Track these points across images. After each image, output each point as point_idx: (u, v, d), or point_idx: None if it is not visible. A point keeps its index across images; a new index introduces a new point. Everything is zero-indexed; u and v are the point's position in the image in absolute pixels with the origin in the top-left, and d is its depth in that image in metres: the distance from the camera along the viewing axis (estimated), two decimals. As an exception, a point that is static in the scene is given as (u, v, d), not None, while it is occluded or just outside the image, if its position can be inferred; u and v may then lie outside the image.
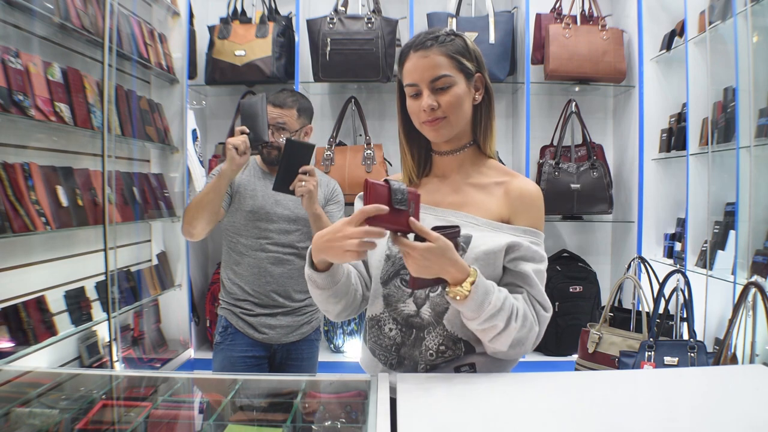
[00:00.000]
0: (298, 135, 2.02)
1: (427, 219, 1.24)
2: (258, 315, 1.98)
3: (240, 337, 1.98)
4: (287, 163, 1.76)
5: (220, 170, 1.87)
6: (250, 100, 1.90)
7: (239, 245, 1.99)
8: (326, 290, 1.21)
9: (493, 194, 1.23)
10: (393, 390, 1.14)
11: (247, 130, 1.87)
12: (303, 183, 1.78)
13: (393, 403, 1.08)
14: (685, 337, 2.13)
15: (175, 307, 3.02)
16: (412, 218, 1.06)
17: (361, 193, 1.14)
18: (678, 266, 2.60)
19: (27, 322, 1.93)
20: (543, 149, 3.20)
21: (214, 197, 1.88)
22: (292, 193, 1.80)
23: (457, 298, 1.07)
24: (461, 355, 1.20)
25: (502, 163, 1.36)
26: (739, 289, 2.05)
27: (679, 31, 2.83)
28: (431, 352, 1.20)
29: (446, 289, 1.09)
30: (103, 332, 2.40)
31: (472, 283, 1.07)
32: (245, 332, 1.98)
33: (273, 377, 1.80)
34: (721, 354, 1.91)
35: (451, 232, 1.09)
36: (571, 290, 3.05)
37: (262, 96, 1.91)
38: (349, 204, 2.90)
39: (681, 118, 2.87)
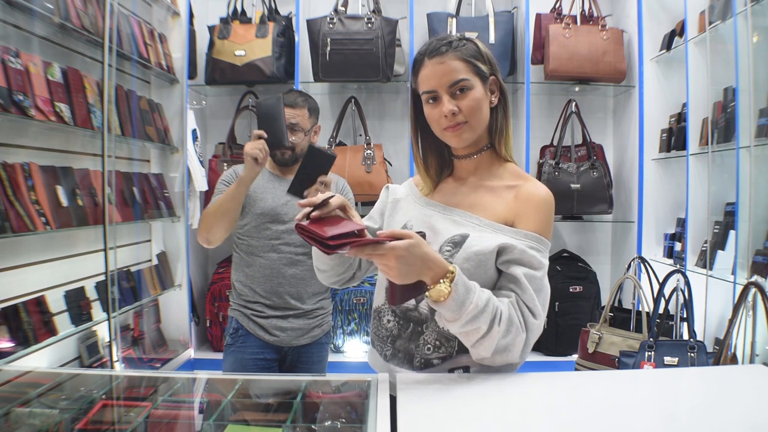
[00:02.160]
0: (309, 135, 2.02)
1: (435, 217, 1.25)
2: (269, 317, 1.97)
3: (251, 339, 1.97)
4: (306, 170, 1.71)
5: (239, 178, 1.87)
6: (267, 102, 1.87)
7: (251, 247, 1.98)
8: None
9: (503, 197, 1.22)
10: (393, 387, 1.14)
11: (265, 135, 1.85)
12: (318, 192, 1.75)
13: (393, 400, 1.08)
14: (685, 337, 2.13)
15: (175, 307, 3.02)
16: (379, 231, 1.06)
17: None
18: (678, 266, 2.60)
19: (27, 322, 1.93)
20: (543, 149, 3.20)
21: (233, 205, 1.89)
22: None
23: (441, 299, 1.05)
24: (454, 354, 1.20)
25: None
26: (739, 289, 2.05)
27: (679, 31, 2.83)
28: (429, 346, 1.20)
29: (427, 293, 1.07)
30: (103, 332, 2.40)
31: (452, 281, 1.05)
32: (256, 334, 1.97)
33: (273, 377, 1.80)
34: (721, 354, 1.91)
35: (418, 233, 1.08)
36: (571, 290, 3.05)
37: (279, 97, 1.88)
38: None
39: (681, 118, 2.87)
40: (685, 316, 2.18)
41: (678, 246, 2.85)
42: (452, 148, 1.29)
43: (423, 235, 1.10)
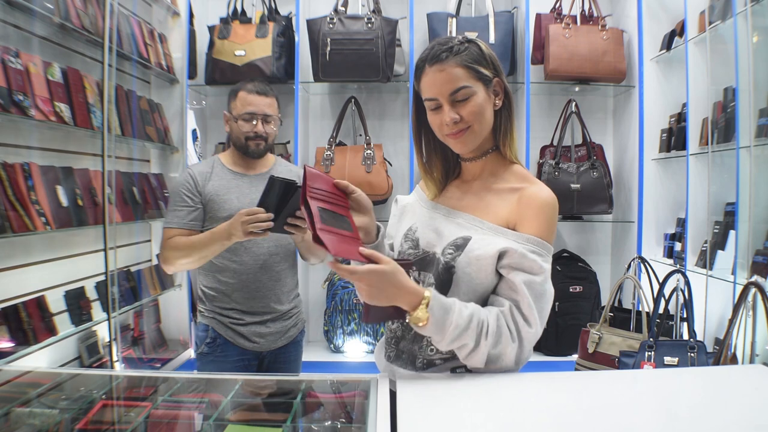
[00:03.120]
0: (279, 125, 1.96)
1: (439, 219, 1.26)
2: (248, 324, 1.91)
3: (230, 347, 1.91)
4: (279, 202, 1.58)
5: (221, 238, 1.73)
6: (289, 187, 1.59)
7: (222, 253, 1.86)
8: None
9: (507, 199, 1.22)
10: (394, 384, 1.15)
11: (264, 212, 1.62)
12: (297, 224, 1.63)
13: (393, 396, 1.09)
14: (685, 337, 2.13)
15: (175, 307, 3.02)
16: (361, 248, 1.07)
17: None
18: (678, 266, 2.60)
19: (27, 322, 1.93)
20: (543, 149, 3.20)
21: (206, 260, 1.84)
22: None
23: (420, 324, 1.08)
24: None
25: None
26: (739, 289, 2.05)
27: (679, 31, 2.83)
28: (432, 347, 1.20)
29: (408, 320, 1.10)
30: (103, 332, 2.40)
31: (428, 306, 1.07)
32: (235, 342, 1.91)
33: (273, 377, 1.80)
34: (721, 354, 1.91)
35: (403, 262, 1.10)
36: (571, 290, 3.05)
37: (298, 190, 1.56)
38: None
39: (681, 118, 2.87)
40: (685, 316, 2.18)
41: (678, 246, 2.85)
42: None
43: (410, 261, 1.16)
